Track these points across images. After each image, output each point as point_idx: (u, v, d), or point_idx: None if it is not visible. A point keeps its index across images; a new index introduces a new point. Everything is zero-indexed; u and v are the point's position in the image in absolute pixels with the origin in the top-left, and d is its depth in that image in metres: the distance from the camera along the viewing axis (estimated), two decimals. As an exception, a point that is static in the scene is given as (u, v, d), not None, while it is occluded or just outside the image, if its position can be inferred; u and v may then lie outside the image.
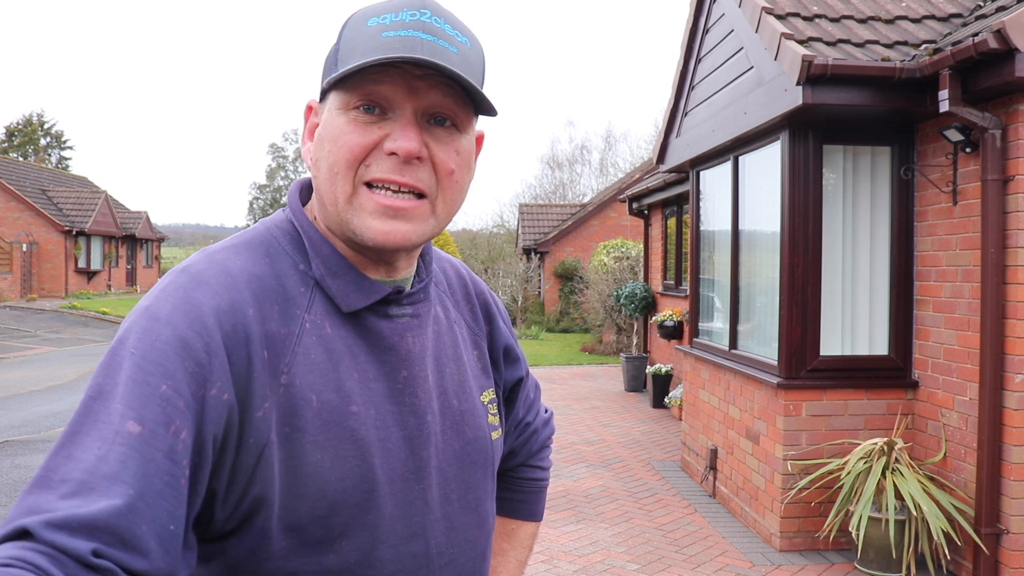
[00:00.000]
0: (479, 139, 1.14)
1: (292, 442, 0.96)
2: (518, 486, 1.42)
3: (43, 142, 51.43)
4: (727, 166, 6.17)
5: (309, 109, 1.09)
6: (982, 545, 4.23)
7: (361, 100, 0.99)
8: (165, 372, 0.88)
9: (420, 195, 1.01)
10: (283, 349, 0.98)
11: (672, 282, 10.79)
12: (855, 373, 5.04)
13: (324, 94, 1.04)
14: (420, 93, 0.98)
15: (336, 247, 1.06)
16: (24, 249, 28.26)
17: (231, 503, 0.94)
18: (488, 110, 1.04)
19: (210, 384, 0.90)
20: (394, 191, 1.00)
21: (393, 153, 0.98)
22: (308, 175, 1.11)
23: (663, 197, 10.66)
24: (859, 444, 4.79)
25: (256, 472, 0.94)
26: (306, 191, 1.12)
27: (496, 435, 1.20)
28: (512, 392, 1.32)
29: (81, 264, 30.78)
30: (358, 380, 1.02)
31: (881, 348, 5.14)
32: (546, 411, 1.47)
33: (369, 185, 1.00)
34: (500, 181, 78.75)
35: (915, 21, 5.07)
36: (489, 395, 1.21)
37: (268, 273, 1.02)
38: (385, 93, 0.98)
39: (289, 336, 0.99)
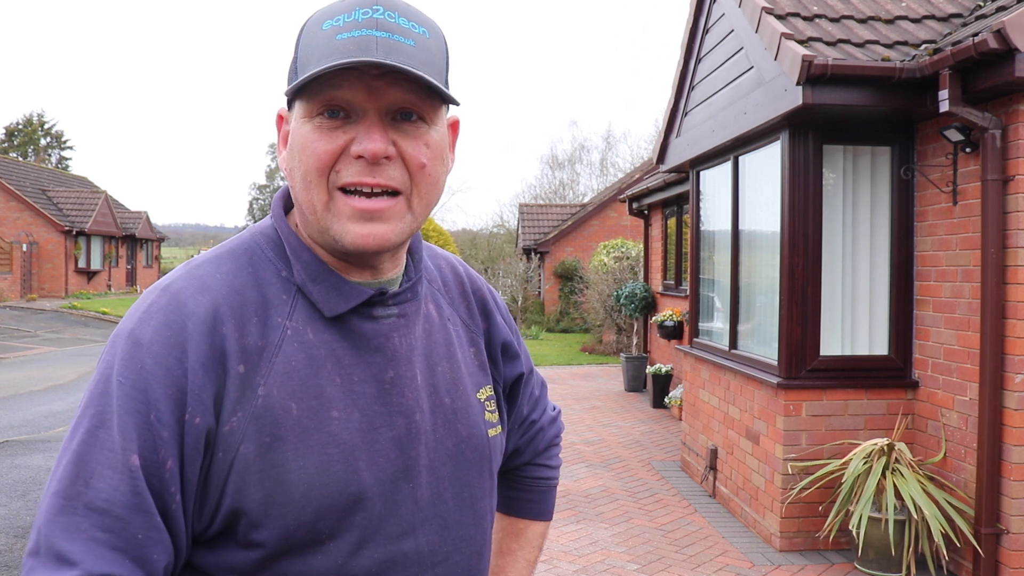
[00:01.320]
0: (454, 126, 1.13)
1: (273, 451, 0.97)
2: (525, 485, 1.41)
3: (43, 142, 51.46)
4: (727, 166, 6.17)
5: (280, 118, 1.09)
6: (981, 546, 4.23)
7: (323, 106, 0.99)
8: (150, 402, 0.94)
9: (394, 193, 1.02)
10: (260, 361, 0.99)
11: (672, 282, 10.79)
12: (855, 373, 5.04)
13: (290, 103, 1.05)
14: (380, 93, 0.98)
15: (316, 253, 1.06)
16: (24, 249, 28.26)
17: (206, 516, 0.97)
18: (449, 101, 1.03)
19: (191, 410, 0.95)
20: (367, 193, 1.00)
21: (360, 156, 0.99)
22: None
23: (663, 197, 10.65)
24: (859, 444, 4.79)
25: (227, 484, 0.96)
26: (289, 198, 1.13)
27: (494, 432, 1.19)
28: (513, 389, 1.31)
29: (81, 264, 30.78)
30: (341, 384, 1.03)
31: (881, 348, 5.14)
32: (554, 409, 1.45)
33: (344, 190, 1.01)
34: (500, 181, 78.75)
35: (915, 21, 5.07)
36: (486, 392, 1.20)
37: (249, 283, 1.03)
38: (345, 97, 0.98)
39: (267, 347, 1.00)
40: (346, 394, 1.03)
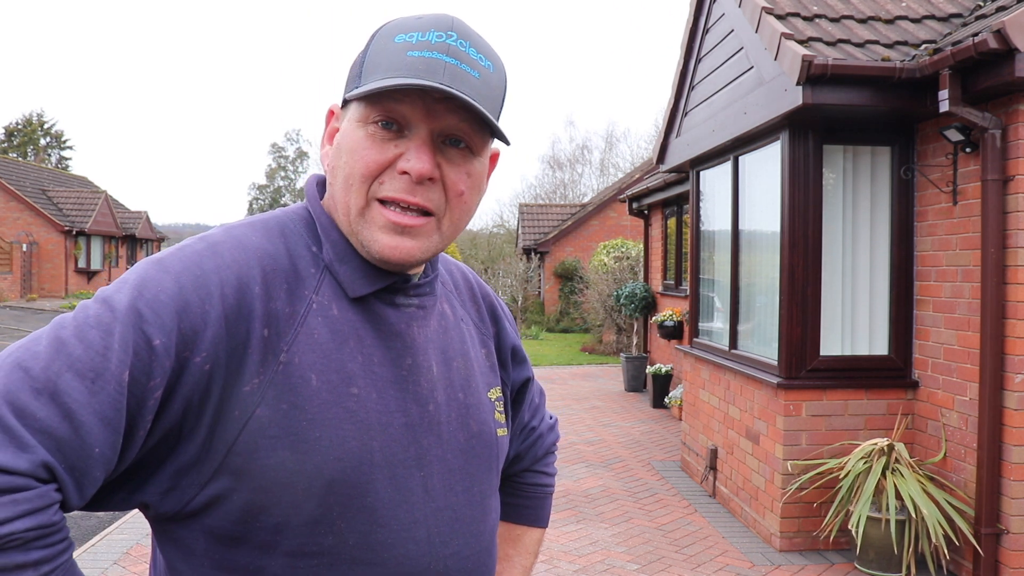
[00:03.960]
0: (494, 157, 1.17)
1: (290, 419, 0.98)
2: (523, 491, 1.43)
3: (43, 142, 51.42)
4: (727, 166, 6.17)
5: (330, 113, 1.12)
6: (981, 546, 4.23)
7: (380, 116, 1.02)
8: (162, 327, 0.93)
9: (427, 212, 1.04)
10: (285, 328, 1.00)
11: (672, 282, 10.79)
12: (855, 373, 5.04)
13: (346, 102, 1.07)
14: (437, 115, 1.01)
15: (346, 236, 1.08)
16: (24, 249, 28.25)
17: (208, 470, 0.97)
18: (501, 138, 1.06)
19: (197, 351, 0.94)
20: (403, 208, 1.03)
21: (406, 172, 1.01)
22: (309, 174, 1.15)
23: (663, 197, 10.65)
24: (859, 444, 4.79)
25: (237, 443, 0.96)
26: (323, 185, 1.15)
27: (502, 432, 1.21)
28: (519, 394, 1.34)
29: (81, 264, 30.78)
30: (362, 363, 1.04)
31: (881, 348, 5.14)
32: (551, 417, 1.48)
33: (381, 201, 1.03)
34: (500, 181, 78.69)
35: (915, 21, 5.07)
36: (496, 393, 1.23)
37: (282, 252, 1.05)
38: (404, 112, 1.01)
39: (294, 315, 1.01)
40: (366, 373, 1.04)
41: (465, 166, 1.05)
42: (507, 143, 1.08)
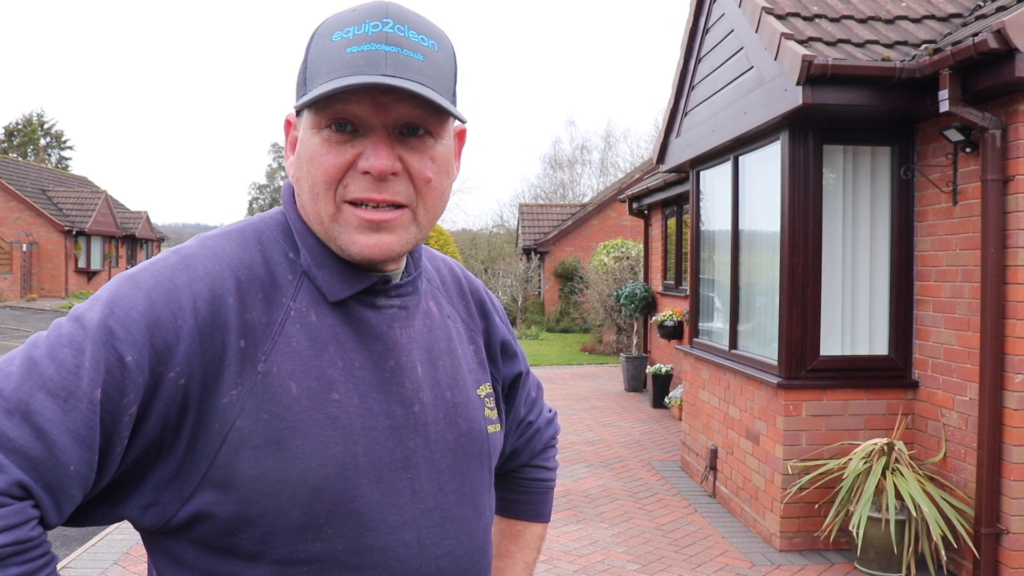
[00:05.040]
0: (460, 135, 1.15)
1: (271, 428, 0.97)
2: (523, 487, 1.41)
3: (43, 142, 51.43)
4: (727, 166, 6.17)
5: (288, 124, 1.11)
6: (980, 546, 4.23)
7: (331, 119, 1.00)
8: (133, 343, 0.93)
9: (399, 205, 1.03)
10: (262, 337, 1.00)
11: (672, 282, 10.79)
12: (855, 373, 5.04)
13: (298, 110, 1.06)
14: (388, 108, 0.99)
15: (322, 240, 1.07)
16: (24, 249, 28.26)
17: (190, 484, 0.96)
18: (456, 117, 1.04)
19: (171, 366, 0.94)
20: (374, 206, 1.02)
21: (367, 172, 1.00)
22: None
23: (663, 197, 10.66)
24: (859, 444, 4.79)
25: (218, 456, 0.96)
26: None
27: (493, 429, 1.20)
28: (512, 389, 1.32)
29: (81, 264, 30.78)
30: (343, 368, 1.03)
31: (881, 348, 5.14)
32: (550, 411, 1.46)
33: (350, 203, 1.02)
34: (500, 180, 78.72)
35: (915, 21, 5.07)
36: (486, 389, 1.21)
37: (258, 260, 1.04)
38: (353, 111, 0.99)
39: (271, 324, 1.01)
40: (347, 378, 1.03)
41: (428, 152, 1.03)
42: (463, 121, 1.07)
